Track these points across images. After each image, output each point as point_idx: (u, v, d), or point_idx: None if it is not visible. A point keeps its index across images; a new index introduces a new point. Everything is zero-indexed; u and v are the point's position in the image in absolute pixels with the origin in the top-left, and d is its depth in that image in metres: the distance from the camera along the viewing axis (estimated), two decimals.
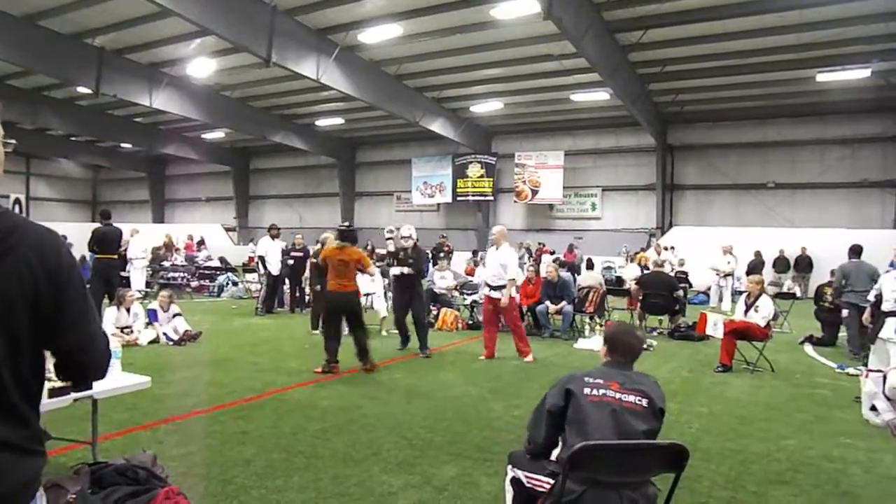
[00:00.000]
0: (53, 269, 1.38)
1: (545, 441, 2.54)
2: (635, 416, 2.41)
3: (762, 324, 7.42)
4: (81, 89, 19.44)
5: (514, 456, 2.69)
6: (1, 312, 1.31)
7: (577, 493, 2.22)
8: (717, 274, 14.84)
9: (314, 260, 10.75)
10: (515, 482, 2.61)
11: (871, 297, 7.21)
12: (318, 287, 10.26)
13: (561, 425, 2.50)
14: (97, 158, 33.34)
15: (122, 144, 30.38)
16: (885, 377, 2.98)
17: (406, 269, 8.07)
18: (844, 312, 8.65)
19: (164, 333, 8.55)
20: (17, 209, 30.85)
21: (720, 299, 14.87)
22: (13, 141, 1.50)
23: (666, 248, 17.10)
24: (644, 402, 2.46)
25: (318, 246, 10.90)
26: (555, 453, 2.61)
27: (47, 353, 1.47)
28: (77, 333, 1.45)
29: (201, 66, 17.75)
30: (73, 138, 29.54)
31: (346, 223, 7.66)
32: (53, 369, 1.53)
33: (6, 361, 1.33)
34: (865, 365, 7.18)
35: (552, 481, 2.40)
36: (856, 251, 8.87)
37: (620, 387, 2.47)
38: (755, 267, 15.82)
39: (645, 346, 9.06)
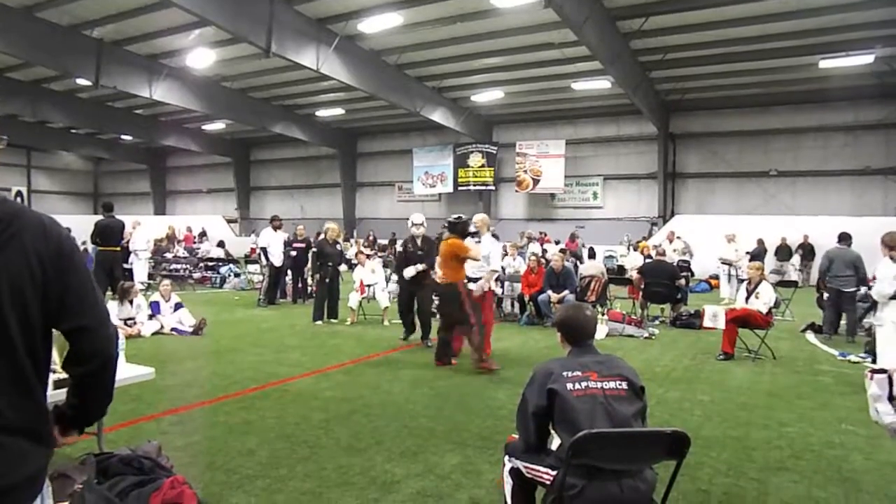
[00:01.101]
0: (56, 253, 1.41)
1: (537, 440, 2.53)
2: (621, 401, 2.42)
3: (763, 310, 7.43)
4: (81, 81, 19.38)
5: (510, 446, 2.69)
6: (12, 297, 1.34)
7: (579, 487, 2.23)
8: (726, 263, 13.97)
9: (315, 250, 10.83)
10: (514, 473, 2.61)
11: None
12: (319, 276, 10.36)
13: (548, 422, 2.50)
14: (98, 150, 33.32)
15: (123, 136, 30.35)
16: (890, 379, 2.95)
17: (420, 266, 7.83)
18: (825, 296, 9.10)
19: (173, 328, 8.59)
20: (18, 202, 30.84)
21: (734, 289, 13.30)
22: (5, 137, 1.53)
23: (678, 238, 16.97)
24: (624, 385, 2.46)
25: (322, 236, 10.93)
26: (553, 444, 2.62)
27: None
28: (84, 316, 1.47)
29: (200, 57, 17.67)
30: (73, 131, 29.52)
31: (457, 216, 7.12)
32: (59, 361, 1.54)
33: (22, 344, 1.36)
34: (867, 352, 7.21)
35: (552, 472, 2.41)
36: (843, 238, 9.06)
37: (599, 375, 2.46)
38: (757, 255, 15.79)
39: (647, 335, 9.11)
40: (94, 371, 1.52)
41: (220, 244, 20.28)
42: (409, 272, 7.92)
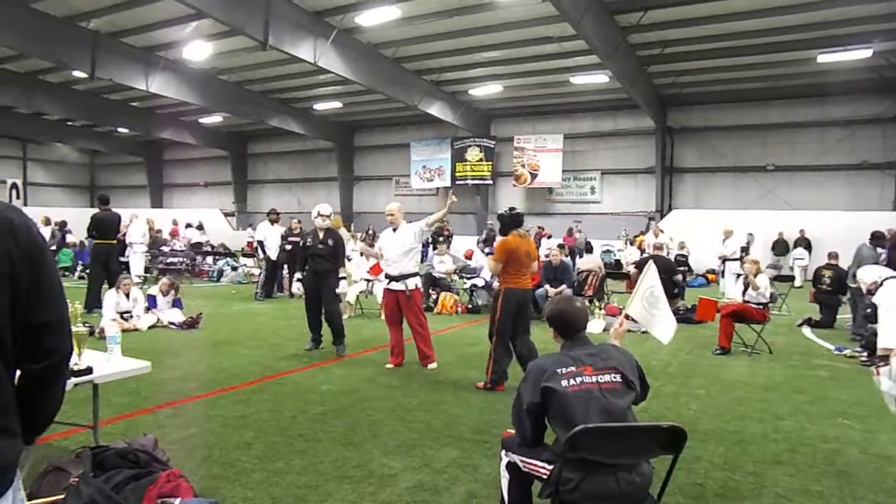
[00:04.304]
0: (26, 247, 1.39)
1: (533, 436, 2.53)
2: (615, 394, 2.41)
3: (766, 294, 7.53)
4: (77, 73, 19.26)
5: (507, 441, 2.68)
6: None
7: (575, 481, 2.23)
8: (728, 259, 13.47)
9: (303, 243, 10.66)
10: (511, 467, 2.61)
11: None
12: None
13: (543, 418, 2.49)
14: (94, 143, 33.12)
15: (119, 129, 30.16)
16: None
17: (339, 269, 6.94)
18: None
19: (171, 322, 8.57)
20: (14, 194, 30.74)
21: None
22: None
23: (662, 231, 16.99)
24: (618, 378, 2.46)
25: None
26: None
27: None
28: (51, 312, 1.46)
29: (197, 50, 17.55)
30: (69, 123, 29.32)
31: (512, 207, 6.05)
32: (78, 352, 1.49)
33: None
34: (863, 346, 7.24)
35: (549, 466, 2.41)
36: (873, 237, 8.98)
37: (594, 369, 2.45)
38: (747, 249, 15.73)
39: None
40: (51, 367, 1.48)
41: (199, 227, 20.57)
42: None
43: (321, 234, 7.05)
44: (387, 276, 6.58)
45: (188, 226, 20.64)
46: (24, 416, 1.45)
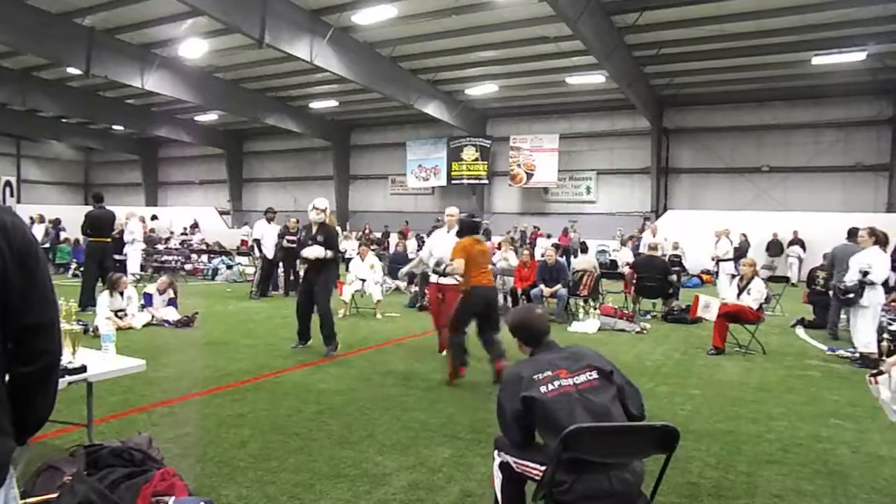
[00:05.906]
0: (19, 248, 1.40)
1: (523, 439, 2.53)
2: (595, 391, 2.42)
3: (754, 306, 7.49)
4: (72, 70, 19.17)
5: (500, 441, 2.68)
6: None
7: (568, 483, 2.23)
8: (722, 260, 13.36)
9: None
10: (504, 467, 2.61)
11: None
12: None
13: (530, 423, 2.49)
14: (89, 140, 33.01)
15: (114, 126, 30.06)
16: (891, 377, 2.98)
17: (324, 252, 6.63)
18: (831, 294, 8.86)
19: (165, 320, 8.55)
20: (8, 192, 30.58)
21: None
22: None
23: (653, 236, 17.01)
24: (595, 375, 2.47)
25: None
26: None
27: None
28: (43, 313, 1.46)
29: (193, 47, 17.52)
30: (64, 120, 29.23)
31: (468, 213, 6.26)
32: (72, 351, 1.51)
33: None
34: (855, 347, 7.28)
35: (542, 467, 2.40)
36: (851, 234, 8.94)
37: (568, 371, 2.46)
38: (741, 250, 15.80)
39: (638, 329, 9.14)
40: (42, 369, 1.48)
41: (194, 225, 20.57)
42: (310, 252, 6.66)
43: (314, 229, 6.84)
44: (435, 272, 6.41)
45: (154, 217, 20.63)
46: (17, 417, 1.45)
